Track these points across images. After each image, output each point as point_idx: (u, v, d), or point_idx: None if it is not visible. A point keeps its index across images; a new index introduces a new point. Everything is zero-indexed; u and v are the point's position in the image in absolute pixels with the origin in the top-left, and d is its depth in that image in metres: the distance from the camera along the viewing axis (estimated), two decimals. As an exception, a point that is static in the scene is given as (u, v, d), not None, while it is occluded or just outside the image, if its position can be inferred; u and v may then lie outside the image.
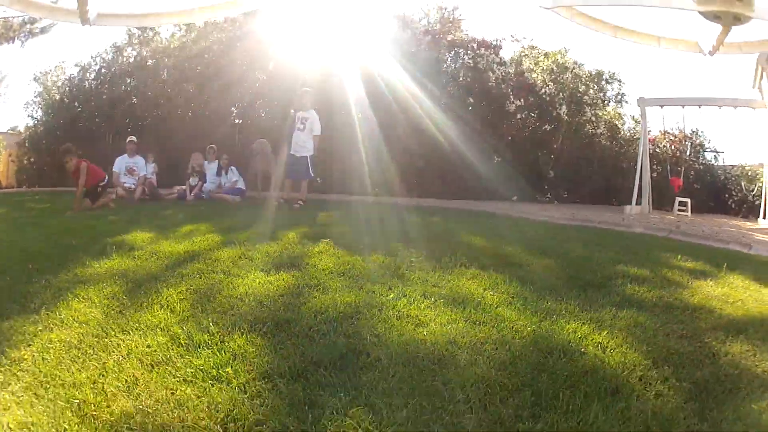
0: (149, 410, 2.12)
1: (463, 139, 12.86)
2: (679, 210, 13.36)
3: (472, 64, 14.21)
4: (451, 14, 15.17)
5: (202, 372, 2.47)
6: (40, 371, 2.49)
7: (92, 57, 16.71)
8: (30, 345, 2.83)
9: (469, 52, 14.52)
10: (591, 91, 15.65)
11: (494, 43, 14.82)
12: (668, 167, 14.47)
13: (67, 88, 16.83)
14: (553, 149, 14.85)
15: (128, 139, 12.04)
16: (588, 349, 2.82)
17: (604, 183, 15.50)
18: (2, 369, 2.53)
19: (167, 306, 3.50)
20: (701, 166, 15.97)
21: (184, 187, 11.77)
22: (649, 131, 14.57)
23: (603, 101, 16.05)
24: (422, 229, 7.32)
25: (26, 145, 17.62)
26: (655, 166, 14.78)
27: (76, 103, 16.40)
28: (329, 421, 2.01)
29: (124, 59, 16.11)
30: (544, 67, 15.35)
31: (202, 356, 2.65)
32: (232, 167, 11.90)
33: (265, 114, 14.45)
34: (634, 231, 8.64)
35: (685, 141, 15.87)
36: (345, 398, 2.17)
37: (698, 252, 6.27)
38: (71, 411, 2.13)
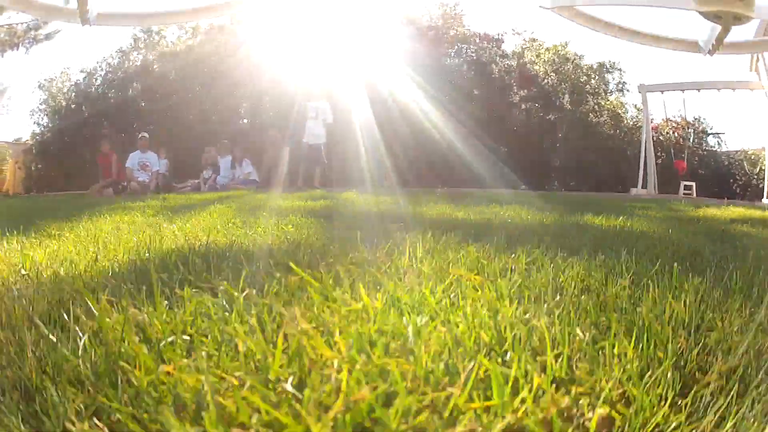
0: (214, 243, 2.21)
1: (469, 130, 13.02)
2: (684, 193, 13.31)
3: (475, 57, 14.46)
4: (452, 10, 15.41)
5: (264, 232, 2.56)
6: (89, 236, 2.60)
7: (98, 62, 16.93)
8: (73, 230, 2.91)
9: (471, 46, 14.73)
10: (592, 81, 15.94)
11: (496, 36, 15.06)
12: (672, 152, 14.66)
13: (74, 94, 16.98)
14: (557, 138, 14.99)
15: (140, 135, 12.11)
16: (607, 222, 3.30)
17: (609, 171, 15.62)
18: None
19: (215, 213, 3.60)
20: (705, 152, 16.18)
21: (197, 180, 11.89)
22: (652, 119, 14.68)
23: (605, 91, 16.29)
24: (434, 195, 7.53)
25: (33, 152, 17.66)
26: (659, 153, 14.82)
27: (83, 108, 16.48)
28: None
29: (131, 63, 16.30)
30: (546, 59, 15.60)
31: (260, 228, 2.74)
32: (246, 159, 11.99)
33: (273, 111, 14.55)
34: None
35: (688, 128, 16.02)
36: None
37: (702, 203, 7.19)
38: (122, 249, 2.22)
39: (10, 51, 19.64)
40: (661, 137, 15.77)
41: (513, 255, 1.83)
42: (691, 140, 16.01)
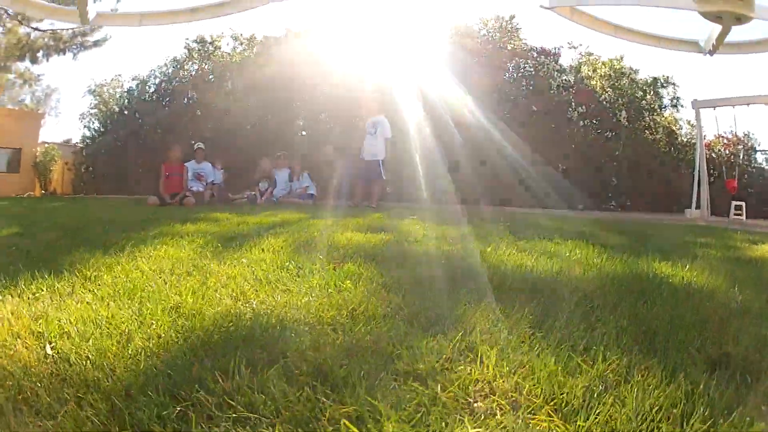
0: (263, 310, 2.01)
1: (527, 147, 12.85)
2: (735, 213, 13.12)
3: (533, 72, 14.15)
4: (508, 23, 15.08)
5: (319, 287, 2.38)
6: (126, 286, 2.40)
7: (151, 70, 17.35)
8: (111, 270, 2.76)
9: (529, 61, 14.42)
10: (648, 96, 15.52)
11: (553, 50, 14.73)
12: (724, 170, 14.43)
13: (126, 101, 17.40)
14: (614, 156, 14.58)
15: (196, 146, 12.24)
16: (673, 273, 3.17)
17: (664, 189, 15.29)
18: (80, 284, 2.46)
19: (268, 249, 3.44)
20: (753, 170, 15.83)
21: (253, 192, 11.89)
22: (704, 136, 14.35)
23: (660, 106, 15.88)
24: (496, 217, 7.25)
25: (83, 154, 18.19)
26: (711, 171, 14.59)
27: (136, 115, 16.90)
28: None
29: (185, 73, 16.52)
30: (602, 74, 15.22)
31: (315, 279, 2.54)
32: (305, 173, 12.03)
33: (331, 124, 14.52)
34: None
35: (738, 144, 15.79)
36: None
37: (757, 233, 6.99)
38: (160, 310, 2.02)
39: (56, 56, 20.36)
40: (713, 154, 15.48)
41: (592, 364, 1.57)
42: (741, 157, 15.65)
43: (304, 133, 15.08)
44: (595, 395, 1.38)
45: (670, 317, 2.11)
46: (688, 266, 3.40)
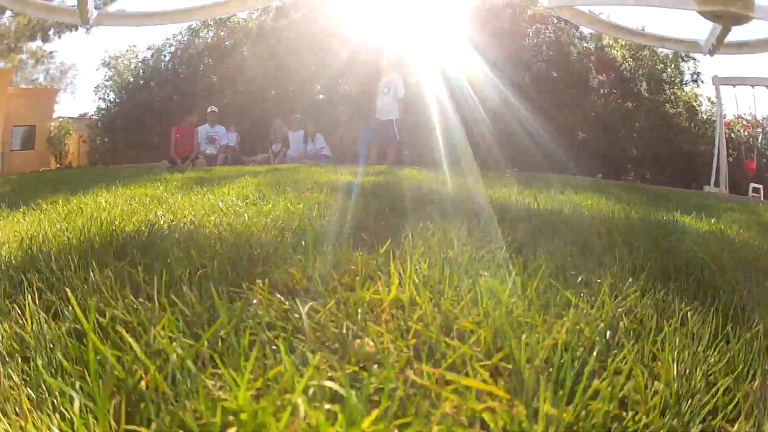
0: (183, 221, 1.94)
1: (545, 114, 12.61)
2: (753, 195, 12.73)
3: (553, 38, 13.80)
4: (528, -12, 14.68)
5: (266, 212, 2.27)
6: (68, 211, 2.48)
7: (166, 39, 17.30)
8: (69, 203, 2.75)
9: (550, 27, 14.06)
10: (668, 69, 15.23)
11: (574, 17, 14.30)
12: (743, 150, 14.31)
13: (141, 71, 17.36)
14: (635, 128, 14.40)
15: (209, 109, 12.13)
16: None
17: (684, 165, 14.95)
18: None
19: (242, 186, 3.37)
20: None
21: (267, 154, 11.86)
22: (724, 115, 13.94)
23: (681, 81, 15.54)
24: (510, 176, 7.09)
25: (98, 126, 18.27)
26: (730, 151, 14.14)
27: (152, 83, 16.93)
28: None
29: (201, 41, 16.47)
30: (623, 44, 14.85)
31: (269, 206, 2.42)
32: (319, 134, 11.87)
33: (348, 86, 14.43)
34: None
35: (757, 127, 15.45)
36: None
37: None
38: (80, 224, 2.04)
39: (68, 32, 20.38)
40: (732, 134, 15.02)
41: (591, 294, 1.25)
42: (760, 140, 15.34)
43: (321, 96, 14.95)
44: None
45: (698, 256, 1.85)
46: (714, 221, 3.19)
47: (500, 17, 13.91)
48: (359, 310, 1.01)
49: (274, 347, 0.86)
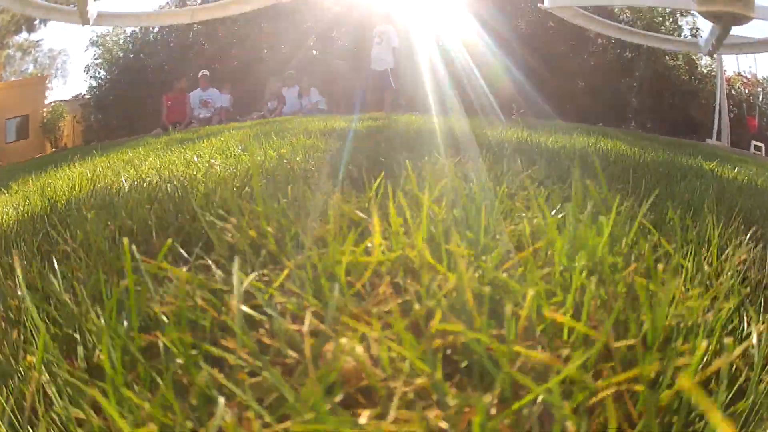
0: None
1: (543, 62, 12.44)
2: (754, 153, 12.78)
3: (549, -13, 13.46)
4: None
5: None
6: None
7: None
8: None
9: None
10: (667, 23, 15.19)
11: (569, -37, 14.05)
12: (744, 107, 14.37)
13: (130, 45, 17.10)
14: (635, 77, 14.43)
15: (200, 73, 11.96)
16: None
17: (684, 117, 14.92)
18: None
19: (224, 138, 3.23)
20: None
21: (262, 112, 11.72)
22: (725, 70, 14.22)
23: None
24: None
25: (91, 104, 18.06)
26: (731, 107, 14.25)
27: (141, 55, 16.69)
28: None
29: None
30: (620, -5, 14.56)
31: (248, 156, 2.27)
32: (313, 89, 11.74)
33: (343, 41, 14.24)
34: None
35: (758, 87, 15.45)
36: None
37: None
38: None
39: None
40: (733, 91, 15.07)
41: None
42: (760, 99, 15.25)
43: (315, 52, 14.76)
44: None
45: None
46: (737, 170, 3.02)
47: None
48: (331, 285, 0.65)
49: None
